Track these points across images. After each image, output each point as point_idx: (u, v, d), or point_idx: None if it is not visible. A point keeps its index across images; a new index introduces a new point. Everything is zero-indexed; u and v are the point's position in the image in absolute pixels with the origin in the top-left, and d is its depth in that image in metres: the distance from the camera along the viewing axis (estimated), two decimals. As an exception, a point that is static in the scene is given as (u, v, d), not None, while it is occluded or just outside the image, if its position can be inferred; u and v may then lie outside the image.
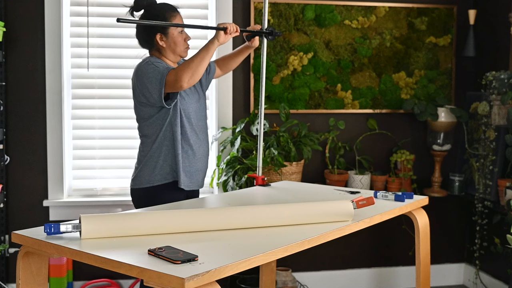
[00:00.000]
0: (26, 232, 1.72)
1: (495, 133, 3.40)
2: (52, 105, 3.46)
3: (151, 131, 2.64)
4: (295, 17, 3.64)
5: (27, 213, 3.50)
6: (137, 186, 2.67)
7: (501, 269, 3.61)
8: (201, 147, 2.72)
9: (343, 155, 3.76)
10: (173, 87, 2.51)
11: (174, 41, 2.65)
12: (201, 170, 2.74)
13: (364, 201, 1.99)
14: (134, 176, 2.69)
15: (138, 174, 2.67)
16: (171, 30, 2.64)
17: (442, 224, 3.95)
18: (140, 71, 2.60)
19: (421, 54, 3.82)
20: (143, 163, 2.66)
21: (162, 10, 2.66)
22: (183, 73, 2.47)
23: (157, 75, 2.51)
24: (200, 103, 2.74)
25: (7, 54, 3.41)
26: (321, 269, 3.85)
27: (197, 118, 2.71)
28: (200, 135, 2.72)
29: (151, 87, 2.53)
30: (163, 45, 2.66)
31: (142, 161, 2.67)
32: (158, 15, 2.63)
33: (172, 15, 2.66)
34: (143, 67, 2.59)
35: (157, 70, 2.53)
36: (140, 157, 2.70)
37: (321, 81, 3.70)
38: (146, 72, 2.55)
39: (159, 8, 2.68)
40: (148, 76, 2.54)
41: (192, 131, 2.67)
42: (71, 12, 3.51)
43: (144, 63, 2.61)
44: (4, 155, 3.41)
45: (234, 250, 1.61)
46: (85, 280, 3.57)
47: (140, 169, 2.66)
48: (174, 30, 2.64)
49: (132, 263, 1.45)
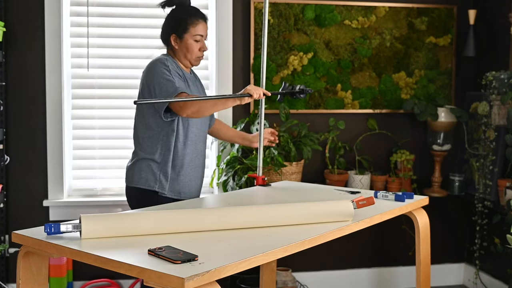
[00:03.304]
0: (26, 232, 1.72)
1: (495, 133, 3.40)
2: (52, 105, 3.46)
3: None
4: (295, 17, 3.64)
5: (27, 213, 3.50)
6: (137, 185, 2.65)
7: (501, 269, 3.60)
8: (196, 159, 2.65)
9: (343, 155, 3.76)
10: (174, 108, 2.42)
11: (186, 47, 2.60)
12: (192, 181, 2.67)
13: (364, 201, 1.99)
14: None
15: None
16: (186, 35, 2.59)
17: (442, 224, 3.95)
18: (154, 71, 2.50)
19: (421, 54, 3.82)
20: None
21: (188, 14, 2.61)
22: (191, 106, 2.37)
23: (170, 88, 2.41)
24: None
25: (7, 54, 3.41)
26: (321, 269, 3.85)
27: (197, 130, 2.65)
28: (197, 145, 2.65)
29: (158, 94, 2.45)
30: (176, 47, 2.62)
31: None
32: (181, 18, 2.59)
33: (194, 22, 2.58)
34: (158, 69, 2.49)
35: (170, 83, 2.43)
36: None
37: (321, 81, 3.70)
38: (160, 78, 2.46)
39: (187, 10, 2.63)
40: (160, 82, 2.45)
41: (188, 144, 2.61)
42: (71, 12, 3.51)
43: (159, 64, 2.51)
44: (4, 155, 3.41)
45: (234, 250, 1.61)
46: (85, 280, 3.57)
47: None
48: (190, 36, 2.58)
49: (132, 263, 1.45)
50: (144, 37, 3.59)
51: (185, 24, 2.58)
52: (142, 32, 3.58)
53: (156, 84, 2.45)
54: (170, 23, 2.63)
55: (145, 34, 3.59)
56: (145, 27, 3.58)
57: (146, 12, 3.58)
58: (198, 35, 2.59)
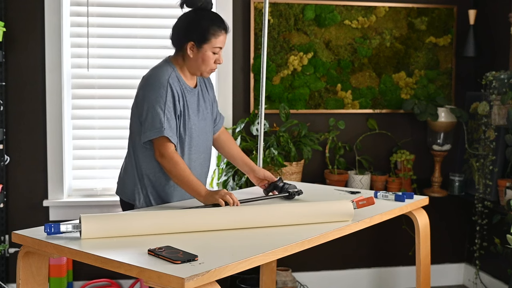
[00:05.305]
0: (26, 232, 1.72)
1: (495, 133, 3.40)
2: (52, 105, 3.46)
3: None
4: (295, 17, 3.64)
5: (27, 213, 3.50)
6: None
7: (501, 269, 3.60)
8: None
9: (343, 155, 3.76)
10: (156, 148, 2.24)
11: (203, 58, 2.30)
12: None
13: (364, 201, 1.99)
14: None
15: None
16: (205, 46, 2.29)
17: (442, 224, 3.95)
18: (153, 91, 2.25)
19: (421, 54, 3.82)
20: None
21: (212, 22, 2.31)
22: (166, 164, 2.21)
23: (156, 123, 2.21)
24: (206, 122, 2.46)
25: (7, 54, 3.41)
26: (321, 269, 3.85)
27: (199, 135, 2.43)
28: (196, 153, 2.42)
29: (144, 119, 2.26)
30: (191, 55, 2.31)
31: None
32: (204, 26, 2.29)
33: (217, 33, 2.30)
34: (156, 93, 2.24)
35: (158, 118, 2.21)
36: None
37: (321, 81, 3.70)
38: (154, 104, 2.23)
39: (210, 17, 2.32)
40: (149, 109, 2.23)
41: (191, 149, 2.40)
42: (71, 12, 3.51)
43: (160, 87, 2.25)
44: (4, 155, 3.41)
45: (234, 250, 1.61)
46: (85, 280, 3.57)
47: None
48: (209, 47, 2.29)
49: (132, 263, 1.46)
50: (144, 37, 3.59)
51: (207, 33, 2.29)
52: (142, 32, 3.58)
53: (150, 108, 2.24)
54: (189, 28, 2.32)
55: (145, 34, 3.58)
56: (145, 27, 3.58)
57: (146, 12, 3.58)
58: (218, 47, 2.31)
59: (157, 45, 3.59)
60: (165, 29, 3.56)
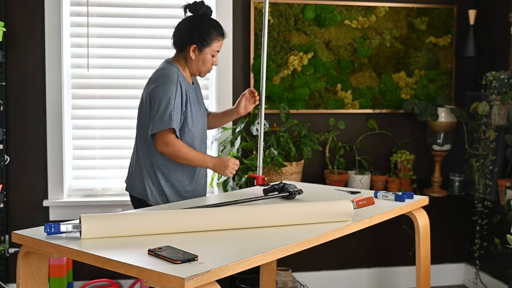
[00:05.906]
0: (26, 232, 1.72)
1: (495, 133, 3.40)
2: (52, 105, 3.46)
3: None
4: (295, 17, 3.64)
5: (27, 213, 3.50)
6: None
7: (501, 269, 3.60)
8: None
9: (343, 155, 3.76)
10: (156, 140, 2.49)
11: (203, 60, 2.59)
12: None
13: (364, 201, 1.99)
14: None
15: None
16: (206, 49, 2.58)
17: (442, 224, 3.95)
18: (164, 89, 2.50)
19: (421, 54, 3.82)
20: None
21: (213, 28, 2.58)
22: (170, 151, 2.48)
23: (166, 117, 2.46)
24: (201, 111, 2.73)
25: (7, 54, 3.41)
26: (321, 269, 3.85)
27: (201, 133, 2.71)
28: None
29: (155, 113, 2.49)
30: (192, 57, 2.58)
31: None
32: (206, 31, 2.56)
33: (218, 38, 2.59)
34: (168, 90, 2.49)
35: (169, 113, 2.46)
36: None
37: (321, 81, 3.70)
38: (166, 98, 2.48)
39: (211, 23, 2.59)
40: (160, 105, 2.48)
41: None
42: (71, 12, 3.51)
43: (171, 85, 2.50)
44: (4, 155, 3.41)
45: (234, 250, 1.61)
46: (85, 280, 3.57)
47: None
48: (209, 50, 2.58)
49: (132, 263, 1.45)
50: (144, 37, 3.59)
51: (209, 38, 2.56)
52: (142, 32, 3.58)
53: (161, 103, 2.48)
54: (193, 32, 2.56)
55: (145, 34, 3.58)
56: (145, 27, 3.58)
57: (146, 12, 3.58)
58: (216, 51, 2.61)
59: (157, 45, 3.59)
60: (165, 29, 3.56)
